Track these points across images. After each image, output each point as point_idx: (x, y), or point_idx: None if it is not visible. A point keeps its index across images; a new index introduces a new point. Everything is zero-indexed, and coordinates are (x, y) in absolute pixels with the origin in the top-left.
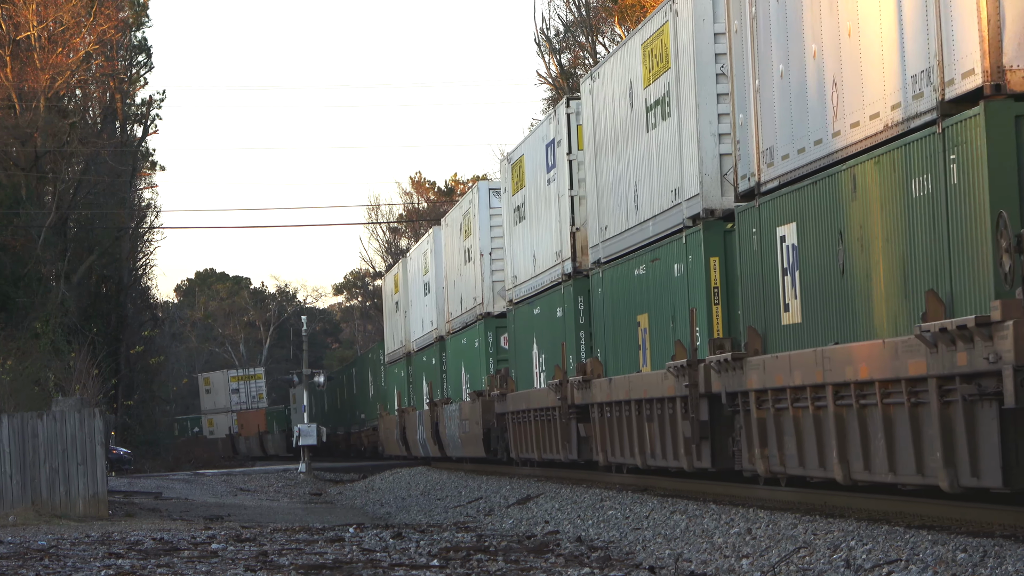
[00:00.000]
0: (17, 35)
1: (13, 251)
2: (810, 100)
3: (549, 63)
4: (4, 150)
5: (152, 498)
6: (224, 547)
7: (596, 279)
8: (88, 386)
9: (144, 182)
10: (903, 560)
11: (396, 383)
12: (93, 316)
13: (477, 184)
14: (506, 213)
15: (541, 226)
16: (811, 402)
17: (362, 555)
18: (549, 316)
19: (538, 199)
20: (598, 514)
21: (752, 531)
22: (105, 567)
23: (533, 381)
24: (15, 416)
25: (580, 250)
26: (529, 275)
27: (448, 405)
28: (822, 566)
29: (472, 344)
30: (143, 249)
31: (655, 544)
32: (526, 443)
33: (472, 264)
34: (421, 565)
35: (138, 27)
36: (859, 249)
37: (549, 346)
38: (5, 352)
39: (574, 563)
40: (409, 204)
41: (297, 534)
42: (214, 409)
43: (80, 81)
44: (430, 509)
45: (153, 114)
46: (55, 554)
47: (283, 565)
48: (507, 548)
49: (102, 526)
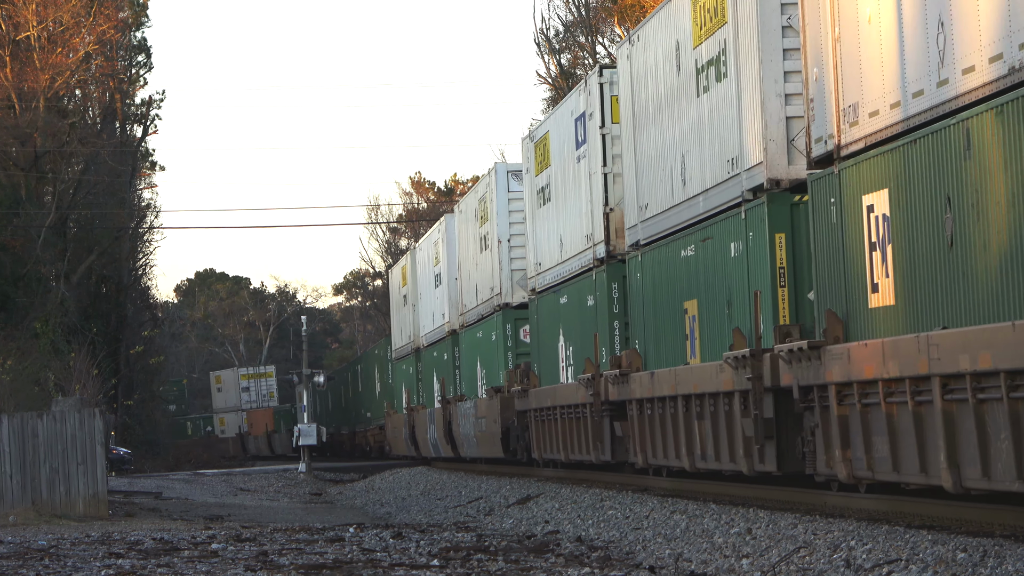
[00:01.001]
0: (17, 35)
1: (13, 251)
2: (907, 45)
3: (549, 63)
4: (4, 150)
5: (152, 498)
6: (224, 547)
7: (634, 263)
8: (88, 386)
9: (144, 182)
10: (903, 560)
11: (404, 380)
12: (93, 316)
13: (495, 165)
14: (528, 195)
15: (569, 208)
16: (910, 397)
17: (362, 555)
18: (578, 305)
19: (565, 179)
20: (598, 514)
21: (752, 531)
22: (105, 567)
23: (559, 376)
24: (15, 416)
25: (614, 232)
26: (555, 261)
27: (462, 402)
28: (822, 566)
29: (489, 337)
30: (143, 249)
31: (655, 544)
32: (551, 443)
33: (489, 252)
34: (421, 565)
35: (138, 27)
36: (974, 216)
37: (578, 338)
38: (5, 352)
39: (574, 563)
40: (409, 204)
41: (297, 534)
42: (225, 408)
43: (80, 81)
44: (430, 509)
45: (153, 114)
46: (55, 554)
47: (283, 565)
48: (507, 548)
49: (102, 526)
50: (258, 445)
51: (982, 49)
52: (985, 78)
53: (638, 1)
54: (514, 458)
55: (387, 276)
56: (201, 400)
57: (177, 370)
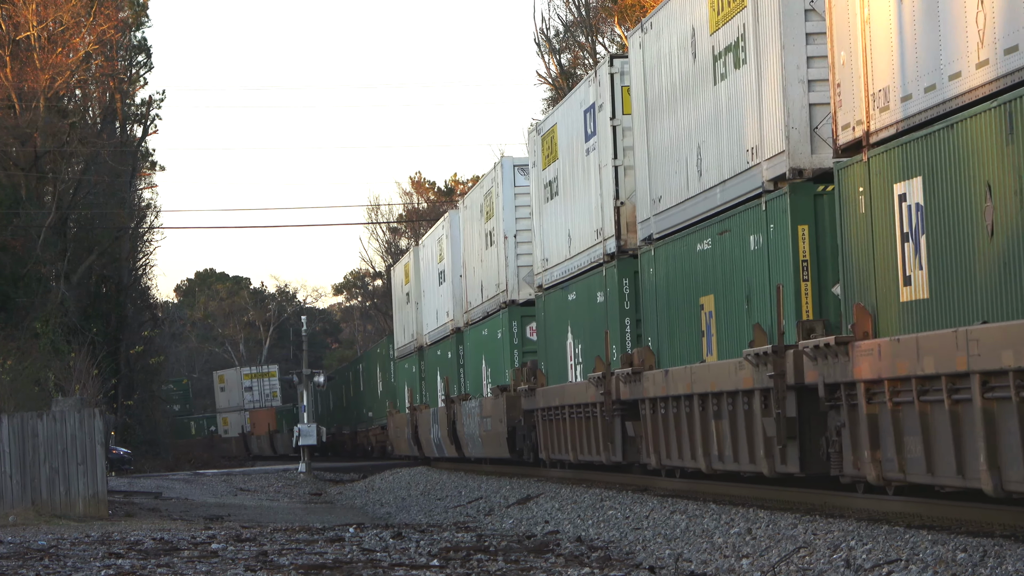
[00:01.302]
0: (17, 35)
1: (13, 251)
2: (944, 25)
3: (549, 63)
4: (4, 150)
5: (152, 498)
6: (224, 547)
7: (647, 258)
8: (88, 386)
9: (144, 182)
10: (903, 560)
11: (407, 379)
12: (93, 316)
13: (501, 160)
14: (535, 190)
15: (578, 202)
16: (947, 395)
17: (362, 555)
18: (587, 301)
19: (574, 172)
20: (598, 514)
21: (752, 531)
22: (105, 567)
23: (567, 374)
24: (15, 416)
25: (625, 227)
26: (563, 257)
27: (467, 402)
28: (822, 566)
29: (494, 335)
30: (143, 249)
31: (655, 544)
32: (559, 443)
33: (495, 248)
34: (421, 565)
35: (138, 27)
36: (1017, 204)
37: (587, 335)
38: (5, 352)
39: (574, 563)
40: (409, 204)
41: (297, 534)
42: (228, 407)
43: (80, 81)
44: (430, 509)
45: (153, 114)
46: (55, 554)
47: (283, 565)
48: (507, 548)
49: (102, 526)
50: (260, 445)
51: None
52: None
53: (638, 1)
54: (520, 458)
55: (389, 274)
56: (200, 400)
57: (177, 370)
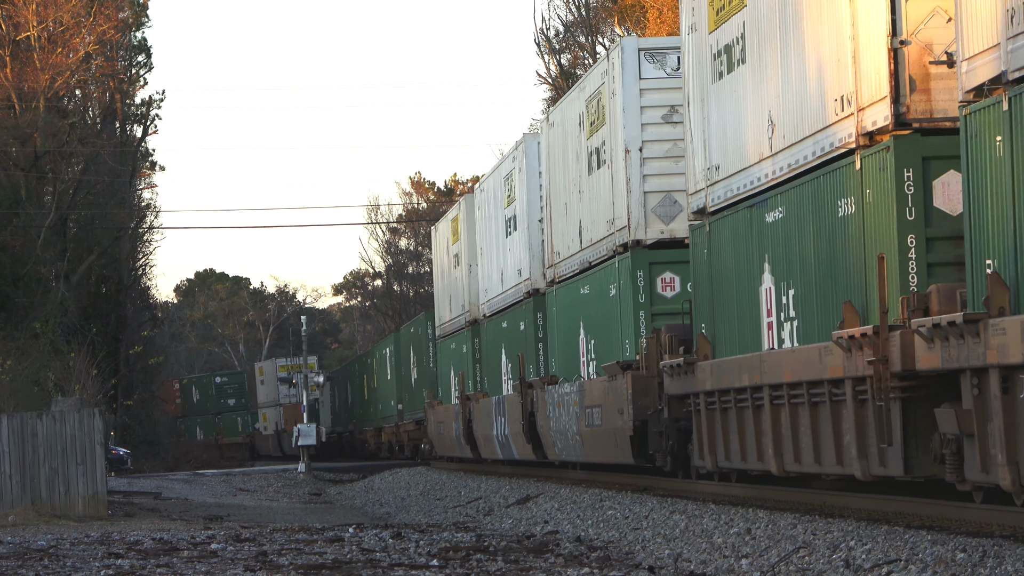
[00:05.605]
0: (17, 35)
1: (13, 251)
2: None
3: (549, 63)
4: (4, 150)
5: (152, 498)
6: (224, 547)
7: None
8: (88, 386)
9: (144, 182)
10: (903, 560)
11: (454, 362)
12: (93, 316)
13: (620, 42)
14: (694, 66)
15: (794, 61)
16: None
17: (362, 555)
18: (797, 222)
19: (784, 19)
20: (597, 514)
21: (752, 531)
22: (105, 567)
23: (762, 341)
24: (15, 416)
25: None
26: (755, 158)
27: (555, 386)
28: (822, 566)
29: (602, 292)
30: (143, 249)
31: (655, 544)
32: (742, 445)
33: (604, 171)
34: (421, 565)
35: (138, 27)
36: None
37: (798, 281)
38: (5, 352)
39: (574, 563)
40: (409, 204)
41: (297, 534)
42: (266, 402)
43: (80, 81)
44: (430, 509)
45: (153, 114)
46: (55, 554)
47: (282, 565)
48: (507, 548)
49: (102, 526)
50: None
51: None
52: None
53: (638, 1)
54: (651, 465)
55: (432, 235)
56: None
57: (177, 370)
